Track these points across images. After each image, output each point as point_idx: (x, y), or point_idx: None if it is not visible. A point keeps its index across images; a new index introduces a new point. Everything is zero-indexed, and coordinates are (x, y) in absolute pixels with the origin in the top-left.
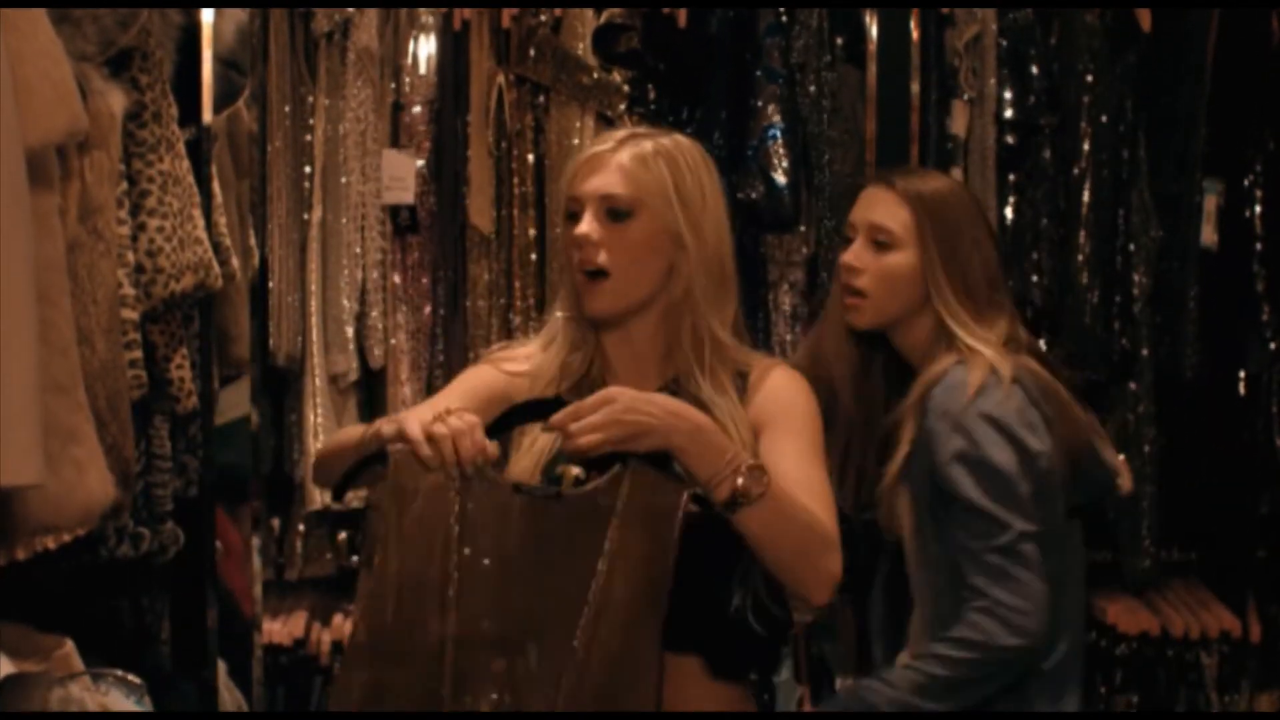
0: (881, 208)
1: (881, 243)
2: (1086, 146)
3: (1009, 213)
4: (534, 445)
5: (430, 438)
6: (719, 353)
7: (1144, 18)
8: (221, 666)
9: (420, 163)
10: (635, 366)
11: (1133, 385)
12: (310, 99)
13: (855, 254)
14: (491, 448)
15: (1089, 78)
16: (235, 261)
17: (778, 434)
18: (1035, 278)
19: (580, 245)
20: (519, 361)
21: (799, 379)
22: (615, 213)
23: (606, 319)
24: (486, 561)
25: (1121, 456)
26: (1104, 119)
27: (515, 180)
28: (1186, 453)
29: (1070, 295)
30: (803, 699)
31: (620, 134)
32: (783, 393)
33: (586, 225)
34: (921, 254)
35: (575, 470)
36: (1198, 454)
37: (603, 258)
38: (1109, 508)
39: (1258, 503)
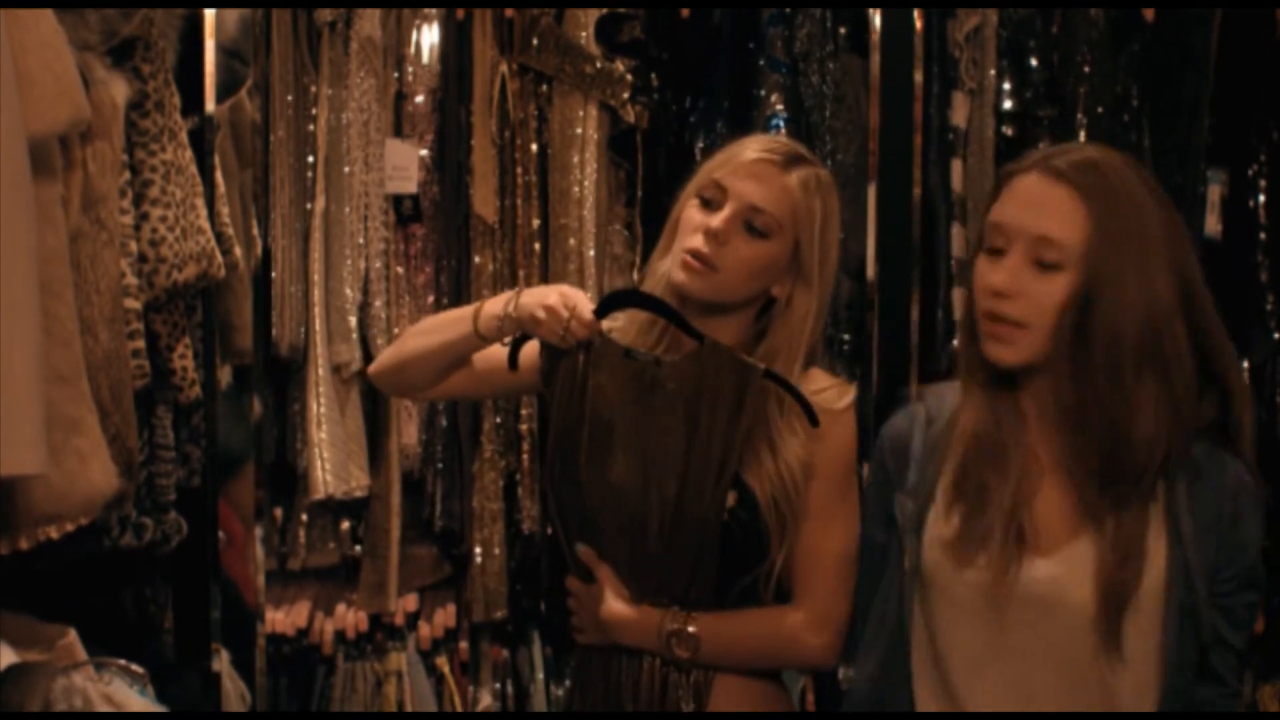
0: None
1: (1049, 264)
2: (1084, 138)
3: None
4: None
5: (549, 311)
6: (797, 379)
7: (1148, 9)
8: (224, 656)
9: (423, 152)
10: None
11: None
12: (313, 88)
13: (1011, 273)
14: (595, 322)
15: (1087, 69)
16: (238, 251)
17: (822, 494)
18: None
19: (704, 234)
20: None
21: (851, 423)
22: (752, 227)
23: (691, 298)
24: (606, 413)
25: None
26: (1101, 110)
27: (519, 170)
28: None
29: None
30: (806, 688)
31: (784, 148)
32: (840, 448)
33: (720, 220)
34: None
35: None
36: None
37: (718, 254)
38: None
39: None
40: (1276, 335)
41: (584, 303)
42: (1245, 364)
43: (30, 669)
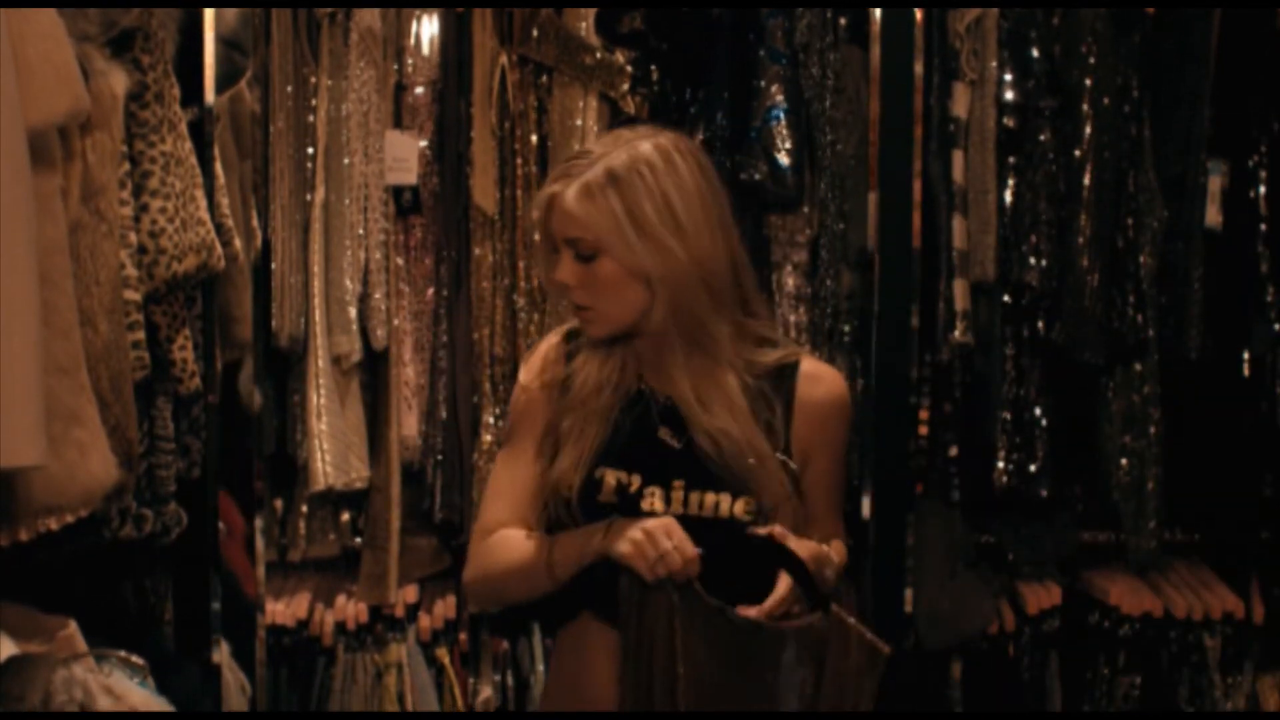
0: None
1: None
2: (1088, 129)
3: (1008, 196)
4: (581, 437)
5: (648, 535)
6: (737, 345)
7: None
8: (224, 647)
9: (423, 143)
10: (663, 364)
11: (1137, 367)
12: (313, 80)
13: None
14: (697, 555)
15: (1091, 60)
16: (238, 243)
17: (823, 458)
18: (1033, 260)
19: (563, 288)
20: (550, 366)
21: (841, 383)
22: (581, 256)
23: (607, 340)
24: (695, 675)
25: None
26: (1106, 101)
27: (519, 161)
28: (1190, 434)
29: (1070, 278)
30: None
31: (564, 167)
32: (834, 411)
33: (563, 271)
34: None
35: (615, 476)
36: (1202, 435)
37: (582, 297)
38: (1113, 488)
39: (1261, 484)
40: (1277, 326)
41: (683, 535)
42: (1246, 355)
43: (30, 660)
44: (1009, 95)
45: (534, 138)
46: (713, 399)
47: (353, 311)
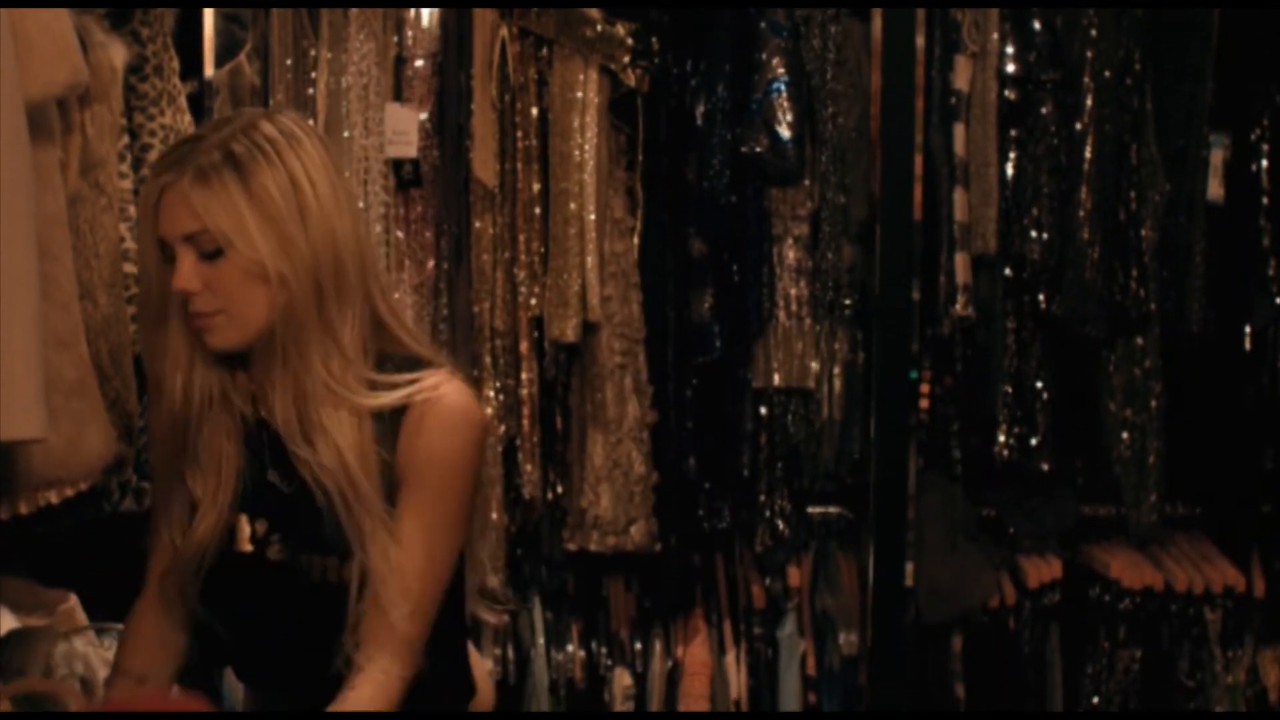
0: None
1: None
2: (1089, 102)
3: (1009, 168)
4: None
5: None
6: (342, 374)
7: None
8: None
9: (423, 116)
10: (270, 387)
11: (1139, 340)
12: (312, 52)
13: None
14: None
15: (1093, 32)
16: None
17: (407, 495)
18: (1035, 233)
19: (185, 297)
20: None
21: (455, 416)
22: (203, 254)
23: (231, 352)
24: None
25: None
26: (1108, 74)
27: (519, 134)
28: (1192, 407)
29: (1071, 251)
30: (806, 654)
31: (184, 145)
32: (428, 444)
33: (184, 276)
34: None
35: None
36: (1203, 409)
37: (206, 303)
38: (1114, 462)
39: (1262, 458)
40: (1279, 300)
41: None
42: (1247, 329)
43: (31, 634)
44: (1010, 68)
45: (534, 110)
46: (319, 430)
47: None
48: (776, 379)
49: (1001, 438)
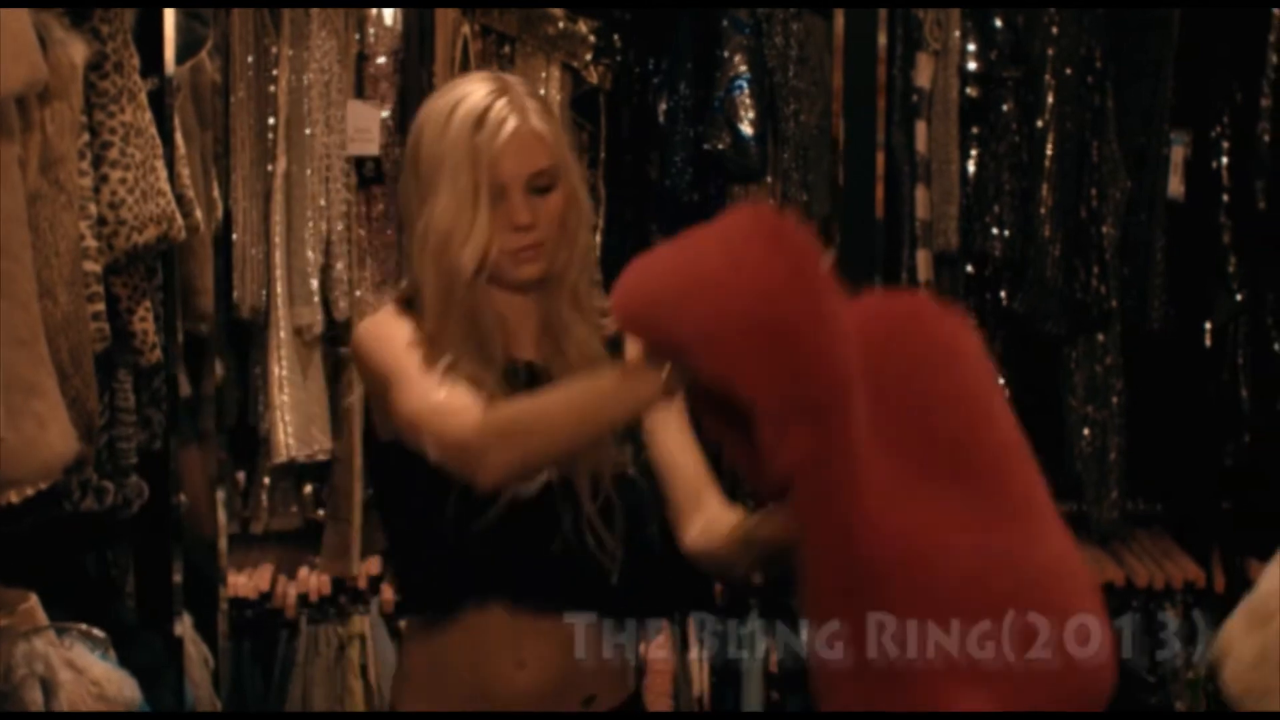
0: None
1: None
2: (1051, 99)
3: (971, 166)
4: None
5: None
6: (589, 311)
7: None
8: (187, 620)
9: (385, 114)
10: (527, 328)
11: (1100, 337)
12: (274, 49)
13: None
14: None
15: (1054, 30)
16: (199, 214)
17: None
18: (996, 231)
19: (522, 231)
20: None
21: None
22: (539, 188)
23: (535, 281)
24: None
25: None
26: (1069, 71)
27: None
28: (1153, 404)
29: (1032, 248)
30: (770, 651)
31: (500, 88)
32: None
33: (528, 212)
34: None
35: None
36: (1164, 405)
37: (538, 236)
38: (1076, 459)
39: (1222, 454)
40: (1239, 297)
41: None
42: (1208, 325)
43: None
44: (972, 65)
45: None
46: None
47: (315, 283)
48: None
49: None
